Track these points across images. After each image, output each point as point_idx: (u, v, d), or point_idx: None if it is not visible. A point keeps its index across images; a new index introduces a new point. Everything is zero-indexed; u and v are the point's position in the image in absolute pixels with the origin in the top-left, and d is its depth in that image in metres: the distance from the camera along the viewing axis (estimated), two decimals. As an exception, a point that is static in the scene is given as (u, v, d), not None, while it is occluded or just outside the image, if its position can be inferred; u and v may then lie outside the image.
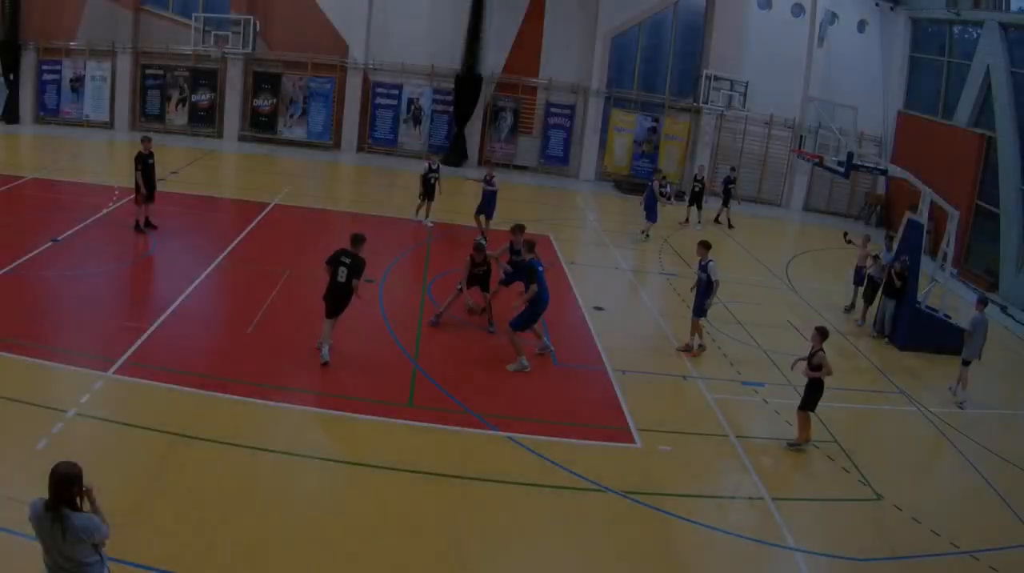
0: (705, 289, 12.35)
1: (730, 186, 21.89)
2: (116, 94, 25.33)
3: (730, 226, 21.78)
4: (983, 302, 12.76)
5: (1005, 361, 14.88)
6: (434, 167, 17.85)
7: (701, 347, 12.70)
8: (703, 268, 12.38)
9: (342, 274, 10.49)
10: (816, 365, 9.81)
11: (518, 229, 12.81)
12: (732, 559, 7.77)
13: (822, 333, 9.96)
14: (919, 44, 24.61)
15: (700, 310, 12.48)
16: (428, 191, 17.81)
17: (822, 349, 9.86)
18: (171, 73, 25.43)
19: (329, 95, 25.63)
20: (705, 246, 12.52)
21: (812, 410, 9.97)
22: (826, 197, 26.38)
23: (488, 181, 17.03)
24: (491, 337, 12.38)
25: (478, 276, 12.50)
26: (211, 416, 8.96)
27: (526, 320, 11.30)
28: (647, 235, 19.32)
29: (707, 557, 7.73)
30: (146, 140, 15.52)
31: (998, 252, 19.26)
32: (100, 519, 5.03)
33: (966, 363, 12.36)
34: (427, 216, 18.14)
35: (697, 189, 21.38)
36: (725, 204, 22.02)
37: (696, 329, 12.62)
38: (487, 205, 17.06)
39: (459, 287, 12.28)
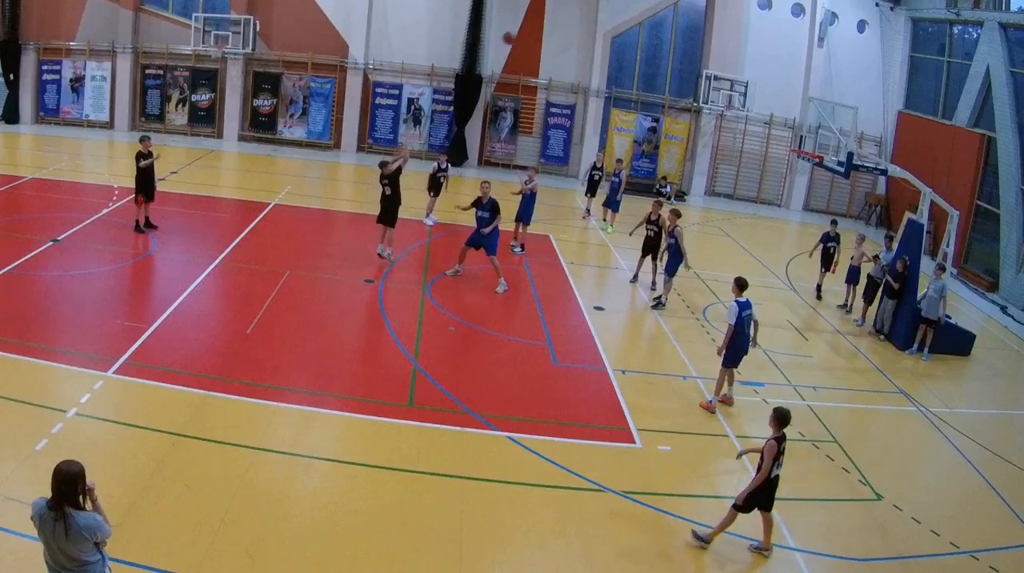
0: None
1: (830, 245, 16.49)
2: (116, 94, 25.33)
3: (818, 296, 16.65)
4: (941, 269, 14.02)
5: (1005, 361, 14.88)
6: (443, 166, 18.26)
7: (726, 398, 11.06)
8: (746, 306, 10.59)
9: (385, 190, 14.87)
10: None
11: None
12: (732, 559, 7.77)
13: (779, 418, 7.57)
14: (919, 44, 24.61)
15: (739, 358, 10.80)
16: (435, 187, 18.16)
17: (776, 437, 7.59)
18: (171, 73, 25.43)
19: (329, 95, 25.64)
20: (741, 286, 10.75)
21: (753, 509, 7.74)
22: (826, 197, 26.41)
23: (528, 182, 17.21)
24: (490, 337, 12.39)
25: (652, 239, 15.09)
26: (211, 416, 8.96)
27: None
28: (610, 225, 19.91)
29: (707, 557, 7.72)
30: (145, 139, 15.53)
31: (998, 252, 19.26)
32: (102, 518, 5.04)
33: (931, 323, 13.81)
34: (430, 213, 18.37)
35: (596, 178, 20.61)
36: (826, 267, 16.60)
37: (728, 379, 10.98)
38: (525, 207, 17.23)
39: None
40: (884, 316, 14.57)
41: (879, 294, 14.87)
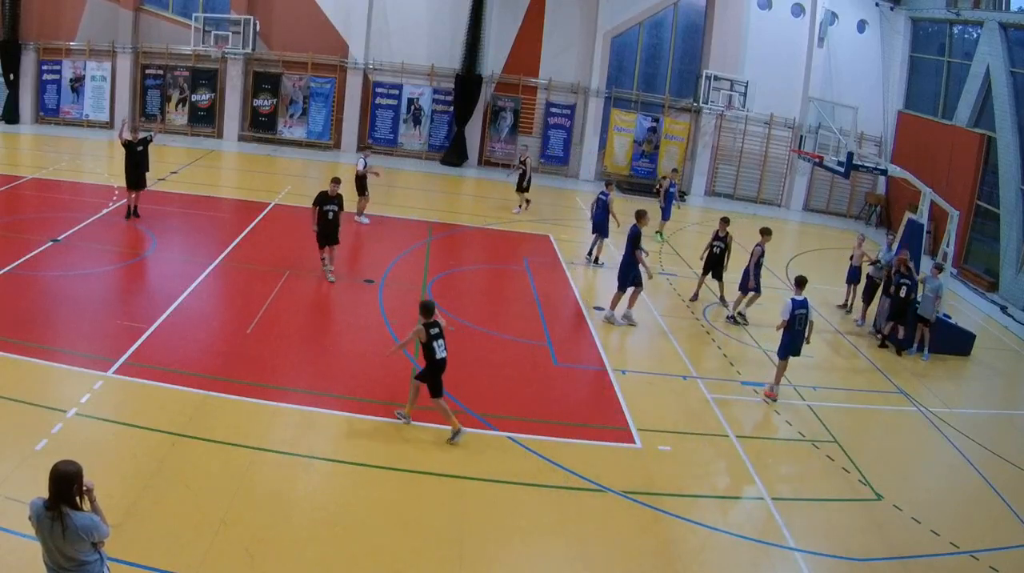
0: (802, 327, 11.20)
1: (896, 285, 13.99)
2: (116, 94, 25.35)
3: (880, 343, 14.23)
4: (939, 268, 13.94)
5: (1005, 361, 14.88)
6: (367, 159, 17.58)
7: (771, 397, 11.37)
8: (801, 305, 11.18)
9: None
10: None
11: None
12: (732, 559, 7.77)
13: (422, 308, 9.00)
14: (919, 44, 24.62)
15: (797, 350, 11.34)
16: (363, 186, 17.48)
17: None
18: (171, 73, 25.44)
19: (329, 95, 25.64)
20: (800, 283, 11.43)
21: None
22: (826, 197, 26.42)
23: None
24: (490, 337, 12.38)
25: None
26: (211, 416, 8.96)
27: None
28: (661, 235, 19.74)
29: (707, 557, 7.72)
30: (134, 130, 15.82)
31: (998, 252, 19.26)
32: (100, 518, 5.04)
33: (927, 322, 13.74)
34: (361, 212, 17.73)
35: (522, 171, 20.34)
36: (887, 334, 14.20)
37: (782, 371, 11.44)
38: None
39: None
40: (880, 314, 14.60)
41: (878, 294, 14.88)
